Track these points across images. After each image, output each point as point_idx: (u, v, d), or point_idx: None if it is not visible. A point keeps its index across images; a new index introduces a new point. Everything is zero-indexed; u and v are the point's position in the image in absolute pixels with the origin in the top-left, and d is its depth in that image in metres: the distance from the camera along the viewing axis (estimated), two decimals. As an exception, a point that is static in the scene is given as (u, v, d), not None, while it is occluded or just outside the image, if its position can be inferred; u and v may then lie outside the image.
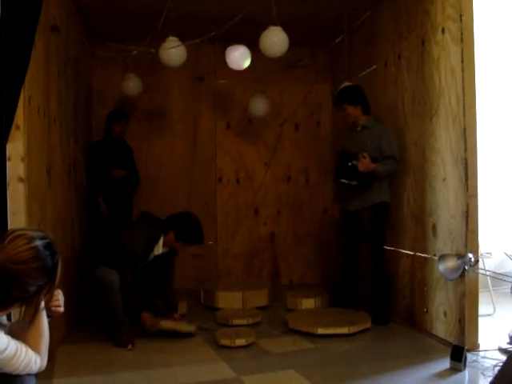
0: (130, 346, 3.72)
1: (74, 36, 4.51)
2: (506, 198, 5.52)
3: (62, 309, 2.03)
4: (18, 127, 2.89)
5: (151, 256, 4.10)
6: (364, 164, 4.19)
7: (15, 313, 1.90)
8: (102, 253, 3.99)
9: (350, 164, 4.27)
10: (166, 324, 3.97)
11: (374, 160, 4.20)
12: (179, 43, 4.43)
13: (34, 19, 2.94)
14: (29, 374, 1.85)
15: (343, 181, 4.44)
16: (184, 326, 4.05)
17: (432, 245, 3.92)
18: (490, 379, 2.61)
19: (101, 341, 3.88)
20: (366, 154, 4.18)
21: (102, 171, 5.09)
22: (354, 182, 4.35)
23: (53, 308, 1.99)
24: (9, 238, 1.76)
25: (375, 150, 4.28)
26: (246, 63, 4.49)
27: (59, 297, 2.02)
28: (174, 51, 4.41)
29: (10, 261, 1.71)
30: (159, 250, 4.13)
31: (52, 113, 3.67)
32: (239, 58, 4.45)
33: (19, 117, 2.89)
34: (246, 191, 6.09)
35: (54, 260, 1.82)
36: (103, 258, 3.95)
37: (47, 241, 1.83)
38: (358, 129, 4.47)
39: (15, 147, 2.90)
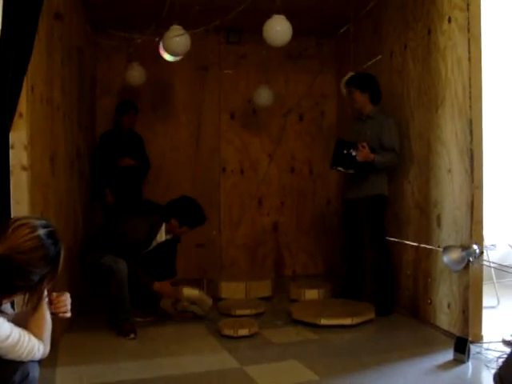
0: (132, 335, 3.72)
1: (77, 24, 4.49)
2: (511, 190, 5.49)
3: (68, 314, 2.02)
4: (21, 115, 2.87)
5: (154, 243, 4.10)
6: (363, 153, 4.17)
7: (19, 301, 1.90)
8: (106, 241, 3.98)
9: (345, 152, 4.25)
10: (189, 291, 4.00)
11: (372, 150, 4.19)
12: (183, 32, 4.40)
13: (37, 7, 2.92)
14: (32, 361, 1.86)
15: (340, 169, 4.43)
16: (205, 299, 4.11)
17: (436, 236, 3.90)
18: (493, 371, 2.60)
19: (104, 330, 3.89)
20: (365, 144, 4.17)
21: (110, 161, 5.10)
22: (350, 171, 4.34)
23: (60, 314, 1.99)
24: (12, 227, 1.76)
25: (375, 140, 4.28)
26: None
27: (66, 302, 2.01)
28: (178, 40, 4.38)
29: (13, 250, 1.71)
30: (162, 237, 4.12)
31: (55, 101, 3.65)
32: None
33: (22, 105, 2.87)
34: (249, 182, 6.08)
35: (56, 248, 1.82)
36: (107, 246, 3.94)
37: (50, 229, 1.83)
38: (363, 117, 4.45)
39: (18, 135, 2.88)
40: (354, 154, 4.21)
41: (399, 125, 4.35)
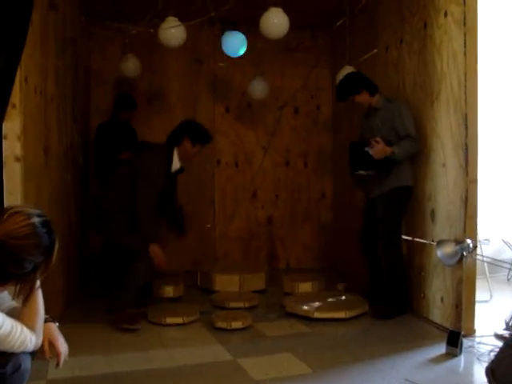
0: (138, 325, 3.72)
1: (71, 15, 4.45)
2: (506, 185, 5.51)
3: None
4: (14, 106, 2.86)
5: (169, 176, 4.10)
6: (378, 149, 3.92)
7: (10, 291, 1.89)
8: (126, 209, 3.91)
9: (359, 154, 4.00)
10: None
11: (389, 143, 3.94)
12: (179, 23, 4.38)
13: (30, -4, 2.90)
14: (24, 353, 1.85)
15: (361, 172, 4.12)
16: None
17: (430, 230, 3.91)
18: (485, 365, 2.61)
19: (96, 321, 3.88)
20: (378, 139, 3.92)
21: (107, 154, 5.08)
22: (372, 172, 4.06)
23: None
24: (7, 214, 1.77)
25: (389, 131, 4.02)
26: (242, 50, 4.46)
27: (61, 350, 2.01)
28: (173, 31, 4.36)
29: (7, 236, 1.71)
30: (176, 164, 4.10)
31: (49, 92, 3.63)
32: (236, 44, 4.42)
33: (15, 96, 2.85)
34: (244, 174, 6.07)
35: (50, 238, 1.82)
36: (127, 206, 3.89)
37: (45, 218, 1.83)
38: (371, 112, 4.23)
39: (12, 126, 2.87)
40: (370, 152, 3.94)
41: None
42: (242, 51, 4.71)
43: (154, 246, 3.88)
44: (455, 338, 3.21)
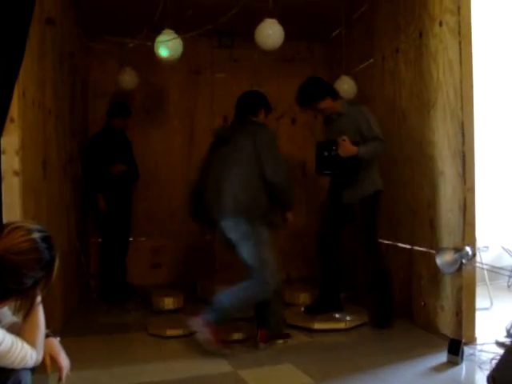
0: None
1: (69, 29, 4.48)
2: (504, 192, 5.52)
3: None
4: (12, 120, 2.86)
5: None
6: (345, 147, 3.90)
7: (10, 306, 1.89)
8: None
9: (326, 154, 4.05)
10: None
11: (355, 143, 3.94)
12: (175, 36, 4.40)
13: (28, 12, 2.91)
14: (25, 369, 1.84)
15: (327, 172, 4.22)
16: None
17: (429, 238, 3.91)
18: (487, 373, 2.61)
19: (98, 335, 3.88)
20: (345, 137, 3.91)
21: (101, 165, 5.04)
22: (337, 172, 4.11)
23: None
24: (7, 229, 1.77)
25: (354, 134, 4.00)
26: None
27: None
28: (170, 44, 4.38)
29: (7, 251, 1.71)
30: None
31: (47, 106, 3.64)
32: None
33: (14, 110, 2.85)
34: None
35: (51, 254, 1.81)
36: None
37: (45, 234, 1.83)
38: (334, 117, 4.20)
39: (10, 140, 2.87)
40: (336, 151, 3.95)
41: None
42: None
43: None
44: (456, 346, 3.21)
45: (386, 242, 4.47)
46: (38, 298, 1.87)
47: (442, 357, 3.27)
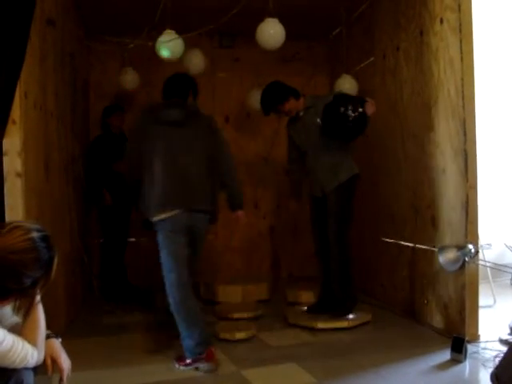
0: None
1: (70, 30, 4.48)
2: (506, 190, 5.51)
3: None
4: (14, 122, 2.87)
5: None
6: (373, 106, 3.84)
7: (11, 306, 1.89)
8: None
9: (342, 110, 3.82)
10: None
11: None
12: (177, 36, 4.40)
13: (29, 13, 2.92)
14: (26, 368, 1.84)
15: (344, 133, 3.92)
16: None
17: (432, 236, 3.90)
18: (490, 370, 2.60)
19: (100, 335, 3.89)
20: (368, 98, 3.91)
21: (103, 166, 5.06)
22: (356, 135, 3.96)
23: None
24: (6, 229, 1.77)
25: None
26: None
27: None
28: (171, 44, 4.38)
29: (6, 250, 1.72)
30: None
31: (49, 107, 3.65)
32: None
33: (15, 111, 2.87)
34: (245, 185, 6.04)
35: (50, 253, 1.82)
36: None
37: (44, 233, 1.83)
38: (301, 113, 4.18)
39: (12, 142, 2.88)
40: (360, 110, 3.80)
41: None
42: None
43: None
44: (459, 344, 3.20)
45: (389, 240, 4.47)
46: (38, 298, 1.88)
47: (445, 355, 3.26)
